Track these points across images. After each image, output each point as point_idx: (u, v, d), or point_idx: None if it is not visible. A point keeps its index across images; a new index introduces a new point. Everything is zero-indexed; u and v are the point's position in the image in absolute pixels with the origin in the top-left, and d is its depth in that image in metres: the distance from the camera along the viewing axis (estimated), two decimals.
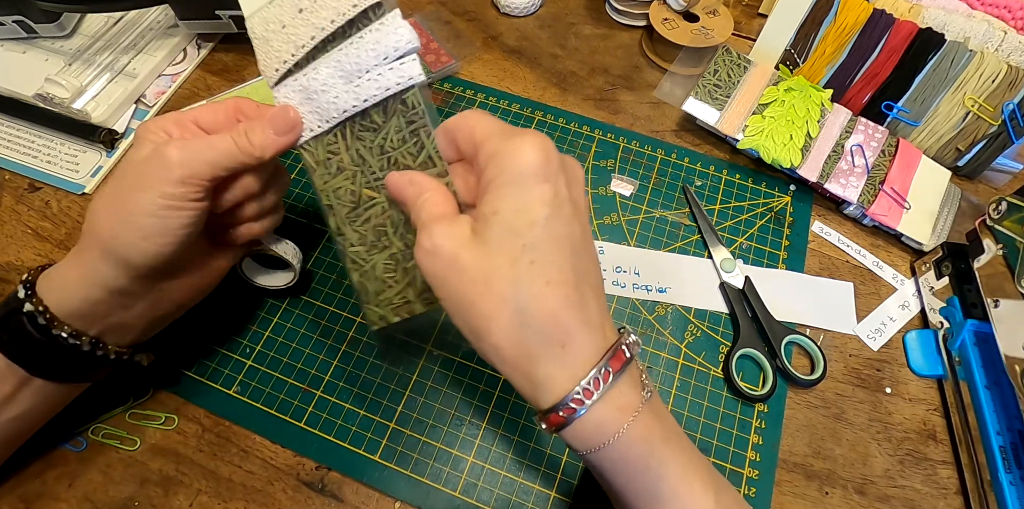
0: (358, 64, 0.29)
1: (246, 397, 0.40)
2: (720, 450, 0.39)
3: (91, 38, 0.55)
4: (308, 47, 0.29)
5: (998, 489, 0.37)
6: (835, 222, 0.50)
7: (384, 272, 0.31)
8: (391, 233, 0.31)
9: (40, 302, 0.30)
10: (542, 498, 0.37)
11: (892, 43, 0.50)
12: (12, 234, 0.46)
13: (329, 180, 0.31)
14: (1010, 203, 0.39)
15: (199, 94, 0.54)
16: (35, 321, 0.30)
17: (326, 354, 0.42)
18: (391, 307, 0.32)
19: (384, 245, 0.31)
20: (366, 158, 0.31)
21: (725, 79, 0.51)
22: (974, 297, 0.42)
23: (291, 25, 0.29)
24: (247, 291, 0.42)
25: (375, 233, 0.31)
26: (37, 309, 0.30)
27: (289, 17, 0.30)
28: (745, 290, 0.44)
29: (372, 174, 0.31)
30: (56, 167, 0.49)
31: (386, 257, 0.31)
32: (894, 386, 0.42)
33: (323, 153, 0.31)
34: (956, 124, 0.49)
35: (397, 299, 0.32)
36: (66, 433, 0.38)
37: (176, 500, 0.37)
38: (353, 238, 0.31)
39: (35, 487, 0.37)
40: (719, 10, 0.56)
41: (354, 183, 0.31)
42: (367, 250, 0.31)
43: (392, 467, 0.38)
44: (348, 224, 0.31)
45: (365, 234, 0.31)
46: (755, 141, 0.48)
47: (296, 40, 0.29)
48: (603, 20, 0.61)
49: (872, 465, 0.40)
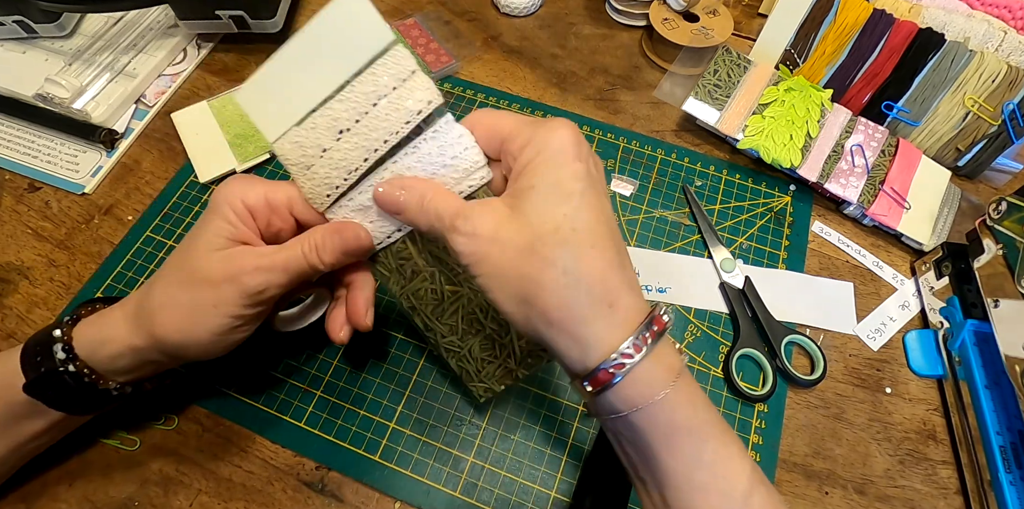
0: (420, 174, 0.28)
1: (246, 397, 0.40)
2: None
3: (91, 38, 0.55)
4: (362, 170, 0.28)
5: (998, 489, 0.37)
6: (835, 222, 0.50)
7: (482, 352, 0.32)
8: (482, 318, 0.31)
9: (85, 364, 0.31)
10: (542, 498, 0.37)
11: (892, 43, 0.50)
12: (12, 234, 0.46)
13: (406, 285, 0.31)
14: (1010, 203, 0.39)
15: (199, 94, 0.54)
16: (80, 379, 0.31)
17: (326, 354, 0.42)
18: (495, 379, 0.32)
19: (477, 329, 0.32)
20: (441, 257, 0.31)
21: (725, 79, 0.51)
22: (974, 297, 0.42)
23: (334, 149, 0.28)
24: None
25: (466, 322, 0.32)
26: (82, 371, 0.31)
27: (329, 139, 0.28)
28: (745, 290, 0.44)
29: (451, 270, 0.31)
30: (56, 167, 0.49)
31: (481, 339, 0.32)
32: (894, 386, 0.42)
33: (394, 262, 0.31)
34: (956, 124, 0.49)
35: (499, 371, 0.32)
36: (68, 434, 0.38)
37: (176, 500, 0.37)
38: (444, 330, 0.32)
39: (35, 487, 0.37)
40: (719, 10, 0.56)
41: (434, 282, 0.31)
42: (460, 338, 0.32)
43: (392, 467, 0.38)
44: (435, 319, 0.32)
45: (455, 325, 0.32)
46: (755, 141, 0.48)
47: (346, 164, 0.28)
48: (603, 20, 0.61)
49: (872, 465, 0.40)
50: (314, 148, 0.28)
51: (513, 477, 0.38)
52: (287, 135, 0.28)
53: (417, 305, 0.32)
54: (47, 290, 0.44)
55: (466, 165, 0.28)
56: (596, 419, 0.27)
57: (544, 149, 0.24)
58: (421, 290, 0.31)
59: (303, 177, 0.29)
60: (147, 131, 0.52)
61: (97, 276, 0.44)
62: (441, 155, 0.28)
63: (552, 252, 0.23)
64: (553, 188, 0.24)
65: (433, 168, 0.28)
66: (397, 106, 0.27)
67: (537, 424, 0.40)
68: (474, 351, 0.32)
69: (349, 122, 0.27)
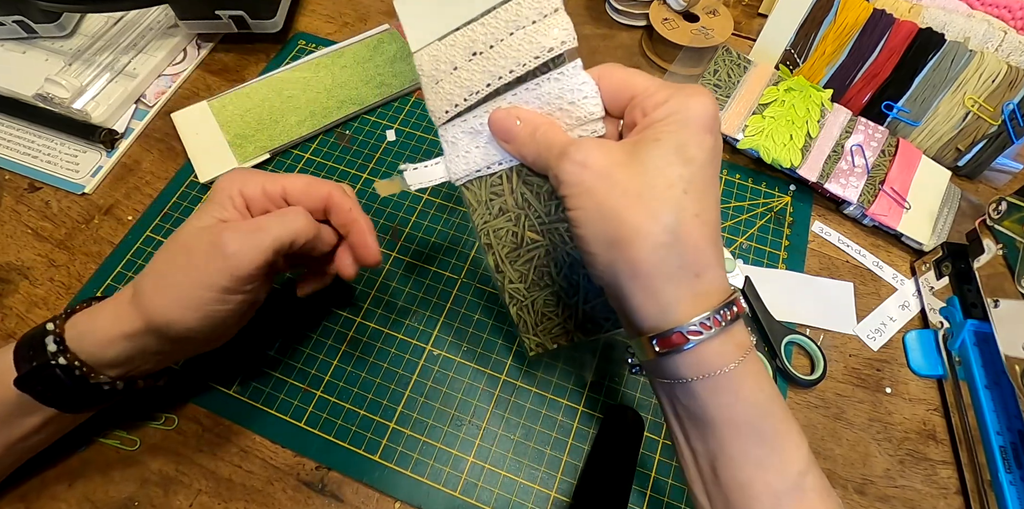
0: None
1: (246, 397, 0.40)
2: None
3: (91, 38, 0.55)
4: (482, 94, 0.28)
5: (998, 489, 0.37)
6: (835, 222, 0.50)
7: (544, 307, 0.32)
8: (555, 274, 0.31)
9: (75, 357, 0.31)
10: (542, 498, 0.37)
11: (892, 43, 0.50)
12: (12, 234, 0.46)
13: (490, 220, 0.31)
14: (1010, 203, 0.39)
15: (199, 94, 0.54)
16: (71, 373, 0.30)
17: (326, 354, 0.42)
18: (549, 336, 0.32)
19: (546, 284, 0.32)
20: (532, 203, 0.31)
21: (725, 79, 0.51)
22: (974, 297, 0.42)
23: (464, 68, 0.29)
24: None
25: (537, 273, 0.32)
26: (73, 363, 0.30)
27: (462, 59, 0.29)
28: (745, 290, 0.44)
29: (538, 218, 0.31)
30: (56, 167, 0.49)
31: (547, 294, 0.32)
32: (894, 386, 0.42)
33: (486, 194, 0.31)
34: (956, 124, 0.49)
35: (556, 330, 0.32)
36: (67, 433, 0.38)
37: (176, 500, 0.37)
38: (513, 276, 0.32)
39: (35, 487, 0.37)
40: (719, 10, 0.56)
41: (517, 225, 0.31)
42: (527, 287, 0.32)
43: (392, 467, 0.38)
44: (508, 263, 0.32)
45: (526, 273, 0.32)
46: (755, 141, 0.48)
47: (470, 85, 0.29)
48: (603, 20, 0.61)
49: (872, 465, 0.40)
50: (447, 64, 0.29)
51: (513, 477, 0.38)
52: (428, 48, 0.29)
53: (495, 243, 0.31)
54: (47, 290, 0.44)
55: (582, 113, 0.28)
56: (652, 381, 0.27)
57: (681, 110, 0.24)
58: (503, 230, 0.31)
59: (430, 90, 0.30)
60: (147, 131, 0.52)
61: (97, 276, 0.44)
62: (560, 98, 0.28)
63: (660, 206, 0.23)
64: (678, 148, 0.24)
65: (549, 109, 0.28)
66: (531, 39, 0.27)
67: (537, 424, 0.40)
68: (537, 304, 0.32)
69: (484, 46, 0.28)
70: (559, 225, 0.31)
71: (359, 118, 0.52)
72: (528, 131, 0.27)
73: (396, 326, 0.43)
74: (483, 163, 0.30)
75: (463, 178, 0.31)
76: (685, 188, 0.23)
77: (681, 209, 0.23)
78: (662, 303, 0.23)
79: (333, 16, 0.60)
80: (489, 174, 0.31)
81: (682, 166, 0.23)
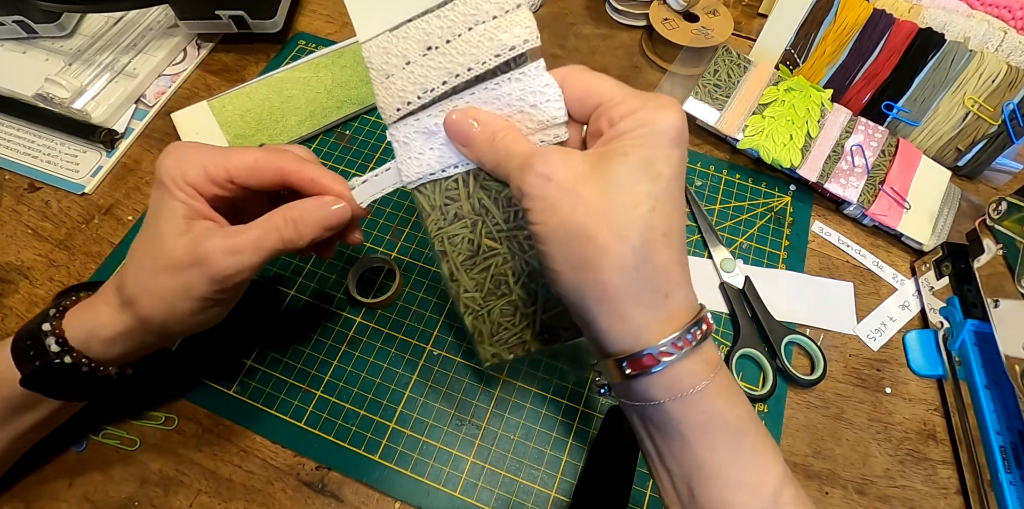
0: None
1: (246, 397, 0.40)
2: None
3: (91, 38, 0.55)
4: (438, 92, 0.27)
5: (998, 489, 0.37)
6: (835, 222, 0.50)
7: (501, 316, 0.30)
8: (512, 283, 0.30)
9: (82, 355, 0.30)
10: (542, 498, 0.37)
11: (892, 43, 0.50)
12: (12, 234, 0.46)
13: (444, 226, 0.29)
14: (1010, 203, 0.39)
15: (199, 94, 0.54)
16: (78, 370, 0.30)
17: (326, 354, 0.42)
18: (506, 347, 0.31)
19: (503, 293, 0.30)
20: (489, 209, 0.29)
21: (725, 79, 0.51)
22: (974, 297, 0.42)
23: (417, 63, 0.27)
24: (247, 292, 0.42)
25: (494, 282, 0.30)
26: (80, 361, 0.30)
27: (415, 53, 0.27)
28: (745, 290, 0.44)
29: (495, 225, 0.29)
30: (56, 167, 0.49)
31: (504, 303, 0.30)
32: (894, 386, 0.42)
33: (440, 198, 0.29)
34: (956, 124, 0.49)
35: (513, 340, 0.31)
36: (67, 433, 0.38)
37: (176, 500, 0.37)
38: (468, 285, 0.30)
39: (35, 487, 0.37)
40: (719, 10, 0.56)
41: (473, 232, 0.29)
42: (483, 296, 0.30)
43: (392, 467, 0.38)
44: (464, 272, 0.30)
45: (483, 282, 0.30)
46: (755, 141, 0.48)
47: (424, 82, 0.27)
48: (603, 20, 0.61)
49: (872, 465, 0.40)
50: (399, 58, 0.27)
51: (513, 477, 0.38)
52: (378, 39, 0.27)
53: (449, 251, 0.29)
54: (47, 290, 0.44)
55: (544, 117, 0.26)
56: (622, 403, 0.27)
57: (650, 123, 0.23)
58: (458, 237, 0.29)
59: (380, 85, 0.27)
60: (147, 131, 0.52)
61: (97, 276, 0.44)
62: (521, 100, 0.26)
63: (627, 227, 0.22)
64: (646, 164, 0.23)
65: (509, 110, 0.27)
66: (492, 36, 0.26)
67: (537, 424, 0.40)
68: (493, 313, 0.30)
69: (440, 40, 0.26)
70: (518, 233, 0.29)
71: (359, 118, 0.52)
72: (487, 136, 0.26)
73: (396, 326, 0.43)
74: (438, 166, 0.28)
75: (416, 181, 0.29)
76: (653, 205, 0.22)
77: (649, 229, 0.22)
78: (631, 326, 0.23)
79: (333, 16, 0.60)
80: (444, 177, 0.29)
81: (649, 183, 0.23)
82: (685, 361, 0.23)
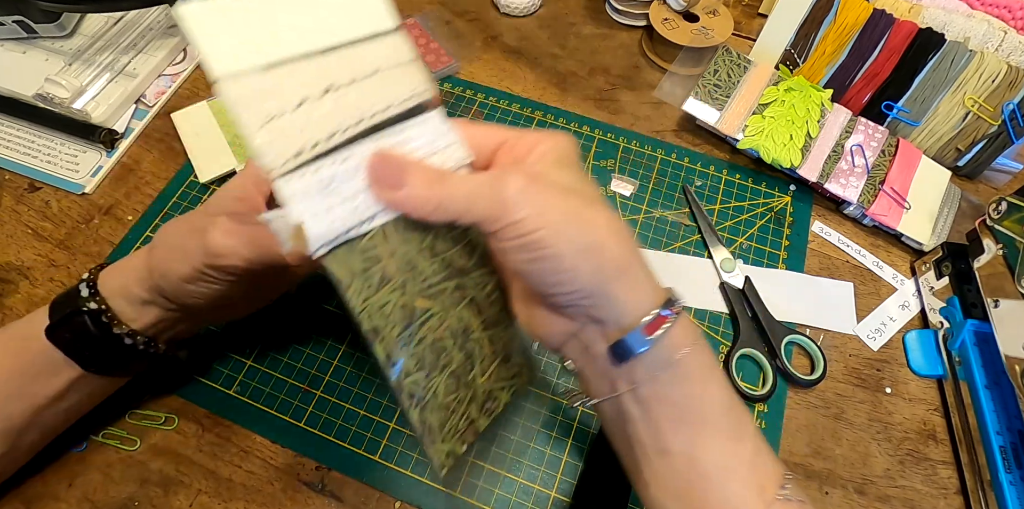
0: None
1: (246, 397, 0.40)
2: None
3: (91, 38, 0.55)
4: (351, 133, 0.24)
5: (998, 489, 0.37)
6: (835, 222, 0.50)
7: (446, 395, 0.26)
8: (451, 346, 0.26)
9: (104, 301, 0.32)
10: (542, 498, 0.37)
11: (892, 43, 0.50)
12: (12, 234, 0.46)
13: (371, 296, 0.24)
14: (1010, 203, 0.39)
15: (199, 94, 0.54)
16: (97, 319, 0.32)
17: (326, 354, 0.42)
18: (457, 436, 0.27)
19: (444, 363, 0.26)
20: (416, 263, 0.25)
21: (725, 79, 0.51)
22: (974, 297, 0.42)
23: (317, 103, 0.23)
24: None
25: (434, 351, 0.26)
26: (101, 307, 0.32)
27: (313, 92, 0.23)
28: (745, 290, 0.44)
29: (424, 281, 0.25)
30: (56, 167, 0.49)
31: (447, 377, 0.26)
32: (894, 386, 0.42)
33: (359, 262, 0.24)
34: (956, 124, 0.49)
35: (462, 423, 0.27)
36: (67, 433, 0.38)
37: (176, 500, 0.37)
38: (410, 365, 0.25)
39: (35, 487, 0.37)
40: (719, 10, 0.56)
41: (404, 294, 0.25)
42: (426, 375, 0.26)
43: (392, 467, 0.38)
44: (401, 348, 0.25)
45: (423, 356, 0.25)
46: (755, 141, 0.48)
47: (330, 123, 0.23)
48: (603, 20, 0.61)
49: (872, 465, 0.40)
50: (289, 97, 0.23)
51: (513, 477, 0.38)
52: (248, 78, 0.22)
53: (382, 326, 0.24)
54: (47, 290, 0.44)
55: (451, 160, 0.26)
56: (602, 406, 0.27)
57: (555, 149, 0.25)
58: (389, 305, 0.24)
59: (261, 129, 0.22)
60: (147, 131, 0.52)
61: None
62: (430, 143, 0.25)
63: (603, 206, 0.24)
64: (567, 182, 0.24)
65: (421, 154, 0.25)
66: (399, 81, 0.25)
67: (537, 424, 0.40)
68: (439, 395, 0.26)
69: (342, 80, 0.24)
70: (447, 283, 0.26)
71: None
72: (429, 175, 0.24)
73: None
74: (354, 221, 0.23)
75: (330, 244, 0.23)
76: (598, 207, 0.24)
77: (611, 221, 0.24)
78: (644, 290, 0.24)
79: None
80: (359, 235, 0.24)
81: (584, 190, 0.24)
82: (676, 326, 0.24)
